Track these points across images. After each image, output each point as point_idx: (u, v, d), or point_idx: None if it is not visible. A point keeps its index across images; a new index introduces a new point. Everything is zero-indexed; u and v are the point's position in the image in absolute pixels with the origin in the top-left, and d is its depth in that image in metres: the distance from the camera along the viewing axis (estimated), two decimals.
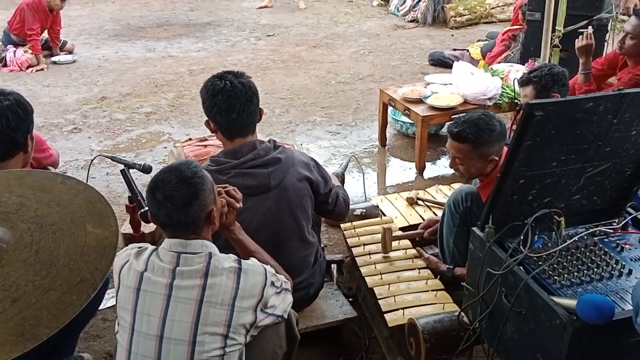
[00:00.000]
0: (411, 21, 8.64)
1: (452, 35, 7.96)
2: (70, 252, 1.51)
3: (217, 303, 1.81)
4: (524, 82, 3.23)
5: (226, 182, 2.35)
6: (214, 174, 2.38)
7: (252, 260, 1.96)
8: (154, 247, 1.92)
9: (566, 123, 1.96)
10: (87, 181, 3.22)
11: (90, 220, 1.62)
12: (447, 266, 2.78)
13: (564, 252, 2.16)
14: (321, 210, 2.65)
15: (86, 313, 2.45)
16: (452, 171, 2.96)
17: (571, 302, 1.86)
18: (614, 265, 2.10)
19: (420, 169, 4.32)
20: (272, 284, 1.94)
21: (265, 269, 1.93)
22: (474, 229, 2.28)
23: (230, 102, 2.37)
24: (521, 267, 2.09)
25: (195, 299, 1.80)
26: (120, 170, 3.04)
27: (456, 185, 3.70)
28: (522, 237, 2.11)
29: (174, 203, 1.83)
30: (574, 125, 1.98)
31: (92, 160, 3.28)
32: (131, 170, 3.14)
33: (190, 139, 3.45)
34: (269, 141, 2.49)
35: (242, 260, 1.90)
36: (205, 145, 3.33)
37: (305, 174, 2.49)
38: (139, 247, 1.93)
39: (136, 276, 1.85)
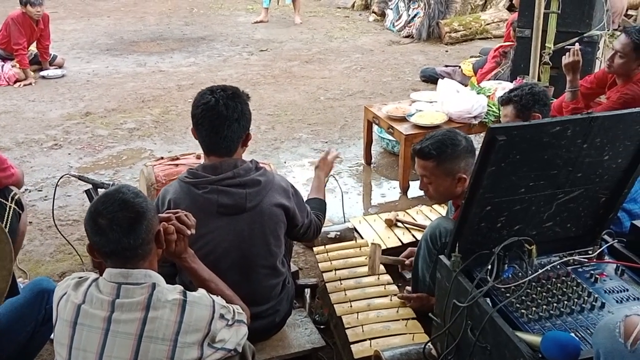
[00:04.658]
0: (406, 37, 8.57)
1: (447, 51, 7.87)
2: None
3: (158, 338, 1.70)
4: (504, 101, 3.13)
5: (201, 196, 2.28)
6: (189, 187, 2.32)
7: (200, 291, 1.86)
8: (96, 276, 1.82)
9: (532, 148, 1.86)
10: (54, 199, 3.18)
11: None
12: None
13: (534, 283, 2.06)
14: (289, 235, 2.56)
15: (36, 345, 2.37)
16: None
17: (536, 339, 1.76)
18: (586, 298, 2.00)
19: (404, 189, 4.21)
20: (222, 316, 1.83)
21: (214, 301, 1.82)
22: (441, 257, 2.18)
23: (209, 120, 2.28)
24: (488, 299, 1.99)
25: (135, 333, 1.69)
26: (85, 191, 2.97)
27: (438, 207, 3.60)
28: (489, 267, 2.01)
29: (120, 225, 1.72)
30: (541, 150, 1.88)
31: (58, 180, 3.22)
32: (100, 190, 3.06)
33: (162, 158, 3.35)
34: (251, 161, 2.40)
35: (188, 292, 1.79)
36: (177, 165, 3.23)
37: (282, 201, 2.39)
38: (80, 277, 1.82)
39: (73, 309, 1.74)
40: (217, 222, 2.31)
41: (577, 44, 3.99)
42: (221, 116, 2.28)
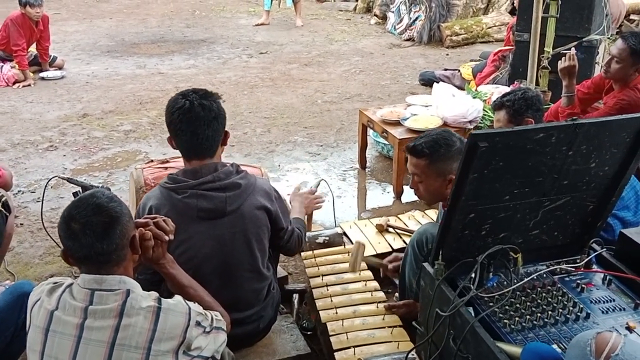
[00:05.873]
0: (407, 40, 8.53)
1: (447, 55, 7.83)
2: None
3: (130, 346, 1.67)
4: (497, 106, 3.09)
5: (180, 201, 2.26)
6: (169, 192, 2.30)
7: (176, 298, 1.82)
8: (71, 282, 1.79)
9: (516, 155, 1.83)
10: (43, 201, 3.15)
11: None
12: None
13: (518, 292, 2.02)
14: (273, 243, 2.52)
15: (16, 349, 2.34)
16: None
17: (516, 350, 1.73)
18: (571, 308, 1.96)
19: (398, 193, 4.17)
20: (198, 323, 1.79)
21: (190, 308, 1.79)
22: (425, 264, 2.15)
23: (187, 122, 2.27)
24: (471, 309, 1.95)
25: (107, 341, 1.66)
26: (73, 193, 2.93)
27: (431, 212, 3.56)
28: (472, 275, 1.97)
29: (94, 229, 1.69)
30: (524, 157, 1.85)
31: (47, 182, 3.20)
32: None
33: (151, 161, 3.34)
34: (231, 165, 2.38)
35: (163, 299, 1.76)
36: (166, 168, 3.20)
37: (264, 204, 2.36)
38: (55, 283, 1.79)
39: (46, 315, 1.72)
40: (197, 227, 2.29)
41: (572, 48, 3.95)
42: (199, 117, 2.27)
